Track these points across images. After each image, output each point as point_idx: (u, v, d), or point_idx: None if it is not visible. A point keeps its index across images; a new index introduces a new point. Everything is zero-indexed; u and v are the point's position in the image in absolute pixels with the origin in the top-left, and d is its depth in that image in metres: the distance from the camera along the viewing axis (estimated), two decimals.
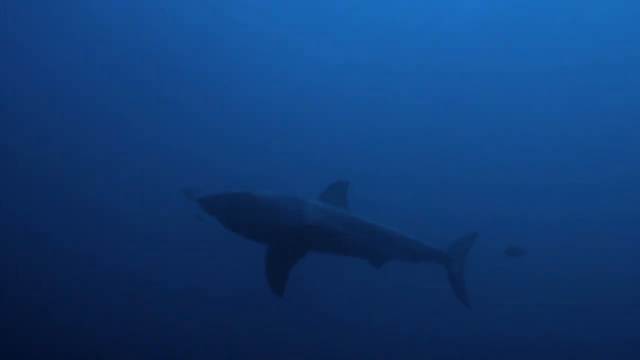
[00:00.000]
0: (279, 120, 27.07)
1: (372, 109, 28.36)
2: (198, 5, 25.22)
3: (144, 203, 21.29)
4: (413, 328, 17.61)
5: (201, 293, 17.60)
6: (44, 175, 22.65)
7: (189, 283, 18.16)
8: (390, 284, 16.91)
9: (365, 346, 16.72)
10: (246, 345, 15.80)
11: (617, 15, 25.00)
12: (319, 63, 27.30)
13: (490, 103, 27.74)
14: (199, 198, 5.29)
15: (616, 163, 26.71)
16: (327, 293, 17.49)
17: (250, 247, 6.25)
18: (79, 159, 23.68)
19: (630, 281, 20.71)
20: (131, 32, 25.23)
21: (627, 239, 23.30)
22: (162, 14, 25.55)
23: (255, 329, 16.33)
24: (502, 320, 18.35)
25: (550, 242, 21.65)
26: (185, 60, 26.05)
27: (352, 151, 26.50)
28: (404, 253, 7.25)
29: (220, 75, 26.67)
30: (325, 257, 6.83)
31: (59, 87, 25.09)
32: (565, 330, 18.20)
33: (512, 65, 26.92)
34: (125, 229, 20.64)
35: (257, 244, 6.02)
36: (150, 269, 18.62)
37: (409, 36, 26.73)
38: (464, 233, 8.46)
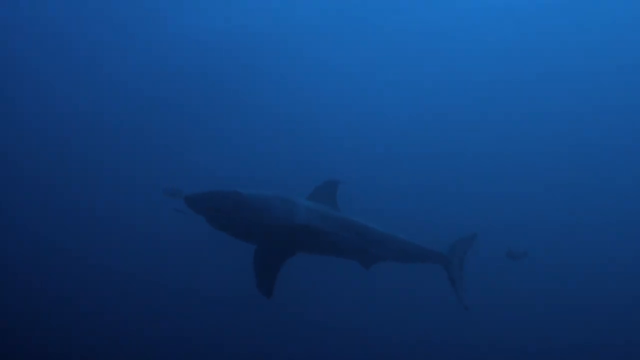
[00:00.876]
0: (273, 120, 27.06)
1: (372, 110, 28.32)
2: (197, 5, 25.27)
3: (137, 202, 21.28)
4: (411, 331, 17.52)
5: (192, 293, 17.64)
6: (37, 175, 22.75)
7: (180, 283, 18.19)
8: (387, 285, 16.95)
9: (362, 348, 16.64)
10: (236, 346, 15.73)
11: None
12: (317, 63, 27.25)
13: (491, 105, 27.67)
14: (185, 196, 5.23)
15: (618, 164, 26.61)
16: (320, 295, 17.52)
17: (239, 247, 6.22)
18: (74, 159, 23.76)
19: (631, 281, 20.61)
20: (128, 33, 25.27)
21: (628, 239, 23.20)
22: (163, 14, 25.61)
23: (246, 330, 16.29)
24: (502, 322, 18.28)
25: (550, 244, 21.55)
26: (181, 60, 26.08)
27: (352, 153, 26.54)
28: (398, 254, 7.18)
29: (215, 74, 26.67)
30: (317, 258, 6.81)
31: (58, 88, 25.16)
32: (566, 332, 18.13)
33: (511, 68, 26.87)
34: (118, 228, 20.71)
35: (245, 244, 5.99)
36: (142, 268, 18.67)
37: (406, 37, 26.69)
38: (463, 234, 8.42)
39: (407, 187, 25.63)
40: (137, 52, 25.97)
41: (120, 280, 18.07)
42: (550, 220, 23.78)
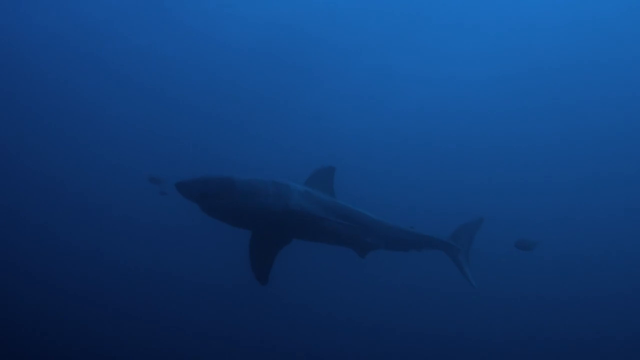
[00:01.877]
0: (273, 110, 27.01)
1: (384, 103, 28.22)
2: None
3: (138, 197, 21.26)
4: (417, 324, 17.39)
5: (193, 285, 17.62)
6: (37, 170, 22.79)
7: (182, 275, 18.18)
8: (391, 277, 16.86)
9: (364, 343, 16.48)
10: (239, 340, 15.61)
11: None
12: (319, 50, 27.06)
13: (503, 99, 27.52)
14: (176, 182, 5.10)
15: (626, 157, 26.41)
16: (320, 288, 17.46)
17: (236, 236, 6.13)
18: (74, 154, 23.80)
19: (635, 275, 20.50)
20: (115, 29, 25.24)
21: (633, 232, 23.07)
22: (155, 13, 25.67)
23: (248, 321, 16.19)
24: (508, 314, 18.19)
25: (557, 236, 21.41)
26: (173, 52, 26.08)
27: (356, 145, 26.49)
28: (395, 242, 7.08)
29: (212, 62, 26.66)
30: (316, 250, 6.72)
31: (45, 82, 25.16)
32: (572, 325, 18.02)
33: (524, 63, 26.74)
34: (117, 222, 20.74)
35: (241, 231, 5.87)
36: (141, 261, 18.66)
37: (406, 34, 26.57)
38: (469, 219, 8.37)
39: (410, 182, 25.69)
40: (140, 47, 25.95)
41: (120, 272, 18.08)
42: (557, 214, 23.70)
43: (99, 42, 24.98)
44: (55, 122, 24.72)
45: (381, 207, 8.38)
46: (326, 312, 17.19)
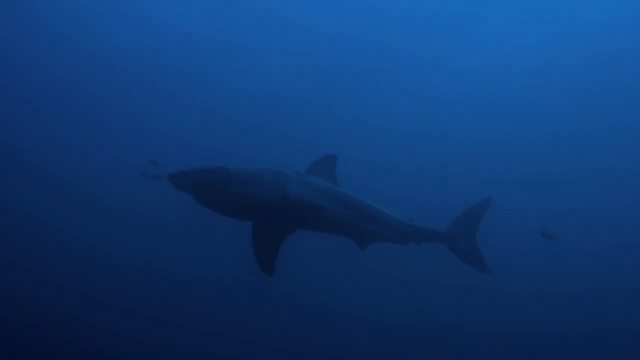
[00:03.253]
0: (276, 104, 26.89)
1: (401, 92, 28.01)
2: None
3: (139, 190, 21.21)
4: (423, 321, 17.17)
5: (191, 279, 17.55)
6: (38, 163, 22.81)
7: (179, 268, 18.11)
8: (399, 273, 16.66)
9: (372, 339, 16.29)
10: (238, 337, 15.45)
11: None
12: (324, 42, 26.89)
13: (515, 91, 27.22)
14: (168, 174, 4.94)
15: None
16: (324, 282, 17.34)
17: (238, 227, 5.90)
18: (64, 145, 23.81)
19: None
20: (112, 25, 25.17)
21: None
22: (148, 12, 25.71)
23: (251, 316, 16.05)
24: (520, 309, 17.97)
25: (565, 231, 21.06)
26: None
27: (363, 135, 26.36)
28: (395, 234, 6.77)
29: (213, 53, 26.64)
30: (320, 249, 6.50)
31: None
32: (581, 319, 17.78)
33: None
34: (114, 215, 20.71)
35: (243, 223, 5.62)
36: (135, 255, 18.61)
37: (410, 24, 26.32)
38: (474, 202, 7.41)
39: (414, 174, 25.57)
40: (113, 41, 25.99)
41: (122, 267, 18.03)
42: (567, 208, 23.43)
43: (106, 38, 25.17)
44: (54, 117, 24.81)
45: (390, 201, 8.05)
46: (330, 308, 17.08)
